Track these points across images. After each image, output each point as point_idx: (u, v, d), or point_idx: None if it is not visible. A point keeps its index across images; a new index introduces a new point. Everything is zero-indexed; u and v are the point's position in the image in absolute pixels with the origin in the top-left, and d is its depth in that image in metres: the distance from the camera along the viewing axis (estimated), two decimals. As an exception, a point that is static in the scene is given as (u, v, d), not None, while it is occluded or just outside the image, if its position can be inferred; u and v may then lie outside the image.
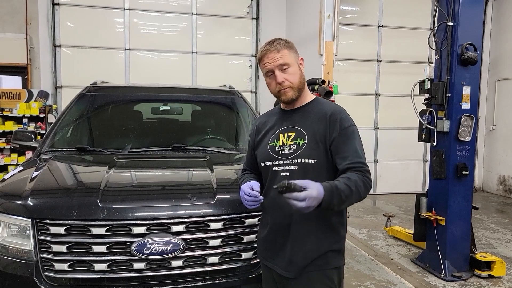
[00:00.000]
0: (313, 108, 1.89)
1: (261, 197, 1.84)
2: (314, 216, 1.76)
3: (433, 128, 4.34)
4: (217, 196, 2.36)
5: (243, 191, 1.86)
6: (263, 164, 1.93)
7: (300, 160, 1.79)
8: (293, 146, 1.82)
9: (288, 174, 1.81)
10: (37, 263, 2.16)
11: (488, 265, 4.25)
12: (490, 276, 4.24)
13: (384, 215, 5.89)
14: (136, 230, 2.17)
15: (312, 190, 1.53)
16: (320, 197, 1.55)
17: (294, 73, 1.85)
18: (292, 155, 1.81)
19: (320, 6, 6.05)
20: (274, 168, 1.86)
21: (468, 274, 4.26)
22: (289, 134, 1.86)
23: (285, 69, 1.83)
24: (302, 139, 1.81)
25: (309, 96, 1.95)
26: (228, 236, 2.30)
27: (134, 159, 3.08)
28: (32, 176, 2.55)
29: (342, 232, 1.90)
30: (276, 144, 1.88)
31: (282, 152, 1.85)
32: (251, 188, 1.85)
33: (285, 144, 1.85)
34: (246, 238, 2.33)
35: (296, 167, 1.79)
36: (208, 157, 3.10)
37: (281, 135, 1.88)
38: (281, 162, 1.84)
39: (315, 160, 1.77)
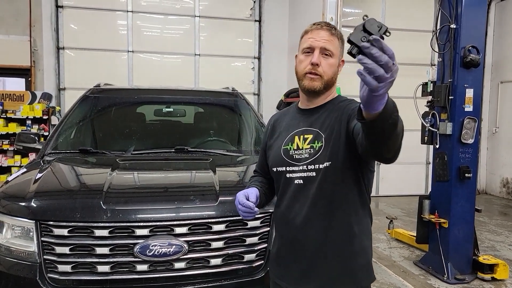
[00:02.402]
0: (333, 107, 1.65)
1: (256, 209, 1.63)
2: (334, 225, 1.58)
3: (436, 130, 4.33)
4: (219, 198, 2.37)
5: (237, 200, 1.64)
6: (274, 169, 1.71)
7: (318, 165, 1.56)
8: (310, 151, 1.59)
9: (302, 181, 1.60)
10: (41, 264, 2.16)
11: (491, 268, 4.24)
12: (493, 279, 4.22)
13: (386, 217, 5.87)
14: (139, 232, 2.18)
15: None
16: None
17: (332, 65, 1.63)
18: (308, 160, 1.58)
19: (322, 8, 6.06)
20: (288, 175, 1.64)
21: (471, 277, 4.25)
22: (306, 136, 1.63)
23: (326, 55, 1.61)
24: (319, 142, 1.58)
25: (331, 95, 1.71)
26: (231, 238, 2.30)
27: (137, 161, 3.10)
28: (36, 178, 2.56)
29: (367, 243, 1.66)
30: (290, 148, 1.66)
31: (296, 157, 1.62)
32: (246, 198, 1.64)
33: (301, 148, 1.62)
34: (248, 240, 2.33)
35: (313, 173, 1.57)
36: (211, 159, 3.11)
37: (296, 137, 1.66)
38: (296, 168, 1.62)
39: (330, 162, 1.54)
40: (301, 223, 1.60)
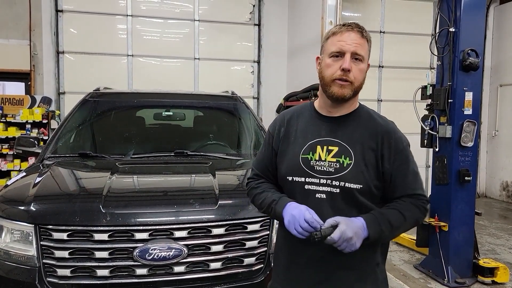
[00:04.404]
0: (360, 120, 1.57)
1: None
2: (358, 250, 1.46)
3: (435, 133, 4.33)
4: (219, 202, 2.37)
5: (304, 217, 1.43)
6: (290, 178, 1.57)
7: (343, 183, 1.48)
8: (335, 165, 1.50)
9: (325, 196, 1.50)
10: (40, 268, 2.16)
11: (491, 271, 4.23)
12: (494, 282, 4.21)
13: (386, 221, 5.87)
14: (138, 235, 2.18)
15: (343, 227, 1.37)
16: (360, 232, 1.39)
17: (362, 71, 1.53)
18: (333, 175, 1.49)
19: (322, 12, 6.07)
20: (306, 187, 1.53)
21: (471, 280, 4.24)
22: (330, 148, 1.52)
23: (357, 59, 1.50)
24: (348, 158, 1.49)
25: (355, 104, 1.61)
26: (230, 241, 2.31)
27: (136, 165, 3.09)
28: (35, 182, 2.56)
29: (384, 267, 1.64)
30: (311, 157, 1.54)
31: (318, 169, 1.52)
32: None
33: (324, 159, 1.52)
34: (248, 244, 2.33)
35: (337, 190, 1.48)
36: (210, 162, 3.11)
37: (319, 147, 1.54)
38: (317, 181, 1.51)
39: (361, 186, 1.47)
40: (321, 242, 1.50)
